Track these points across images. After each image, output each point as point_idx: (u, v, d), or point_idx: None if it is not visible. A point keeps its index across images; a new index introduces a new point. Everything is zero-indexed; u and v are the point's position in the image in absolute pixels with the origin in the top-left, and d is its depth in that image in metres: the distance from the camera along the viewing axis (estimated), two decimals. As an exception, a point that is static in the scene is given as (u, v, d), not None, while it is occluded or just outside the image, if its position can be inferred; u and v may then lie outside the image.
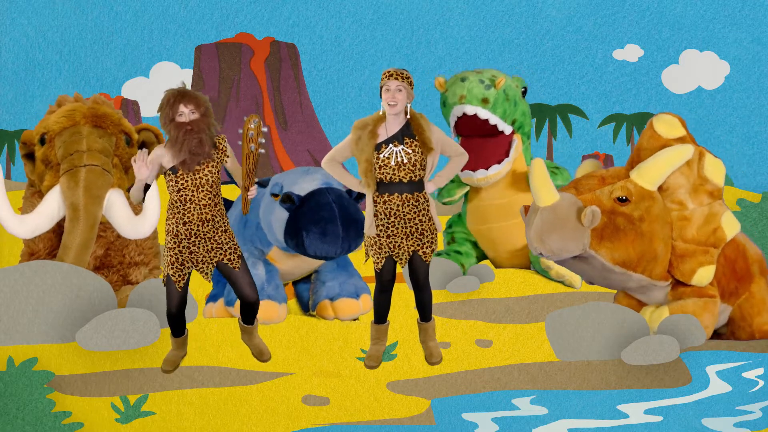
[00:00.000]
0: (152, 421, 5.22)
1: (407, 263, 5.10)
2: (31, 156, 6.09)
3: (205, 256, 5.01)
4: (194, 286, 5.62)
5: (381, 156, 5.02)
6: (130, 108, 9.14)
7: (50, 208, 5.78)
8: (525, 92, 6.75)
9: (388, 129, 5.05)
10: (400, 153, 5.02)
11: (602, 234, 5.56)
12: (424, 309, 5.25)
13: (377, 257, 5.11)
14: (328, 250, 5.69)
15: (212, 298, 6.12)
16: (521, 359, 5.72)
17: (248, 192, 4.99)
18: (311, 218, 5.66)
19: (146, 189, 4.99)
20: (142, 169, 4.91)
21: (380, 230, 5.08)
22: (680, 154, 5.70)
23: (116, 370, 5.29)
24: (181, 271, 5.02)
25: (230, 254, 5.04)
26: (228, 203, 6.07)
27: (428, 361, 5.34)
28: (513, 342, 5.83)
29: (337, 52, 9.08)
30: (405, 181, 5.03)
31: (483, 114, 6.52)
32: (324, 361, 5.57)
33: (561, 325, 5.69)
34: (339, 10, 9.05)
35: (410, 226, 5.06)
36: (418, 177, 5.05)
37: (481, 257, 7.13)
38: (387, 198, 5.04)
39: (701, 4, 9.05)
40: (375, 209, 5.08)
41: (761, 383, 5.71)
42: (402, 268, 5.18)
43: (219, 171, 5.00)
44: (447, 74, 6.86)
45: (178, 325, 5.18)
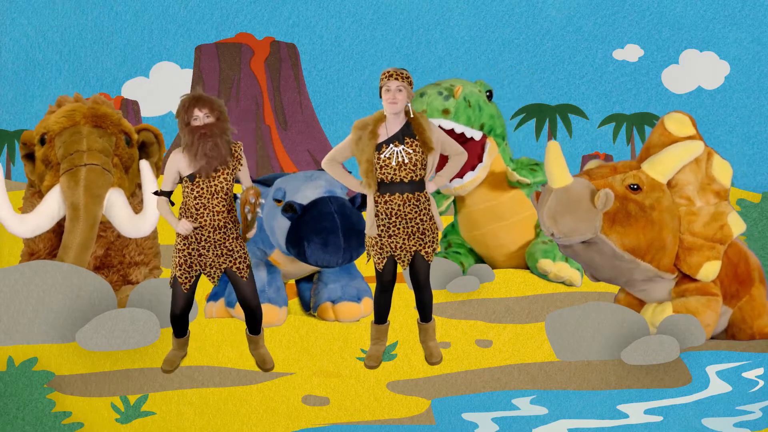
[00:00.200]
0: (152, 421, 5.22)
1: (409, 263, 5.11)
2: (31, 156, 6.09)
3: (215, 261, 5.01)
4: (194, 286, 5.62)
5: (382, 156, 5.01)
6: (130, 108, 9.14)
7: (50, 208, 5.78)
8: (491, 95, 6.74)
9: (389, 129, 5.04)
10: (401, 153, 5.02)
11: (614, 218, 5.61)
12: (425, 309, 5.25)
13: (378, 257, 5.11)
14: (330, 260, 5.69)
15: (213, 297, 6.12)
16: (521, 359, 5.72)
17: (246, 236, 5.08)
18: (313, 228, 5.65)
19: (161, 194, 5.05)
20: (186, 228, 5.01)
21: (381, 230, 5.08)
22: (691, 150, 5.78)
23: (116, 370, 5.29)
24: (189, 274, 5.02)
25: (239, 263, 5.05)
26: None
27: (428, 361, 5.34)
28: (513, 342, 5.83)
29: (337, 52, 9.08)
30: (406, 181, 5.03)
31: (446, 124, 6.51)
32: (324, 361, 5.57)
33: (561, 325, 5.70)
34: (339, 10, 9.04)
35: (412, 226, 5.06)
36: (419, 177, 5.04)
37: (479, 261, 7.14)
38: (388, 198, 5.04)
39: (701, 4, 9.05)
40: (376, 209, 5.08)
41: (761, 383, 5.72)
42: (403, 270, 5.18)
43: (233, 178, 5.01)
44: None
45: (181, 327, 5.18)
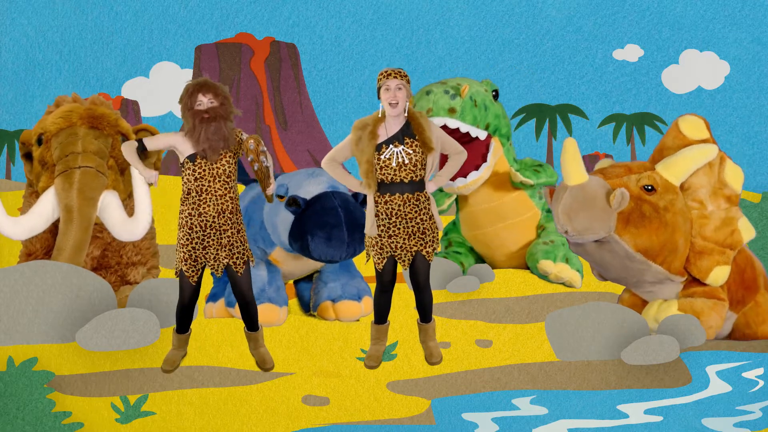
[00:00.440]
0: (152, 421, 5.22)
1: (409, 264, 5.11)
2: (30, 156, 6.08)
3: (219, 254, 5.02)
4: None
5: (382, 157, 5.01)
6: (130, 108, 9.14)
7: (45, 209, 5.78)
8: (497, 94, 6.74)
9: (388, 129, 5.04)
10: (401, 153, 5.01)
11: (629, 219, 5.61)
12: (425, 310, 5.25)
13: (378, 257, 5.11)
14: (333, 254, 5.69)
15: (212, 298, 6.12)
16: (521, 359, 5.72)
17: (268, 191, 5.12)
18: (316, 222, 5.65)
19: (140, 150, 5.06)
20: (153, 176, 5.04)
21: (381, 230, 5.08)
22: (705, 153, 5.79)
23: (116, 370, 5.28)
24: (194, 267, 5.04)
25: (237, 258, 5.05)
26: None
27: (428, 361, 5.34)
28: (513, 342, 5.83)
29: (337, 52, 9.08)
30: (406, 182, 5.03)
31: (452, 123, 6.50)
32: (324, 361, 5.56)
33: (561, 325, 5.70)
34: (339, 10, 9.05)
35: (412, 226, 5.06)
36: (419, 177, 5.04)
37: (480, 261, 7.14)
38: (388, 198, 5.04)
39: (701, 4, 9.05)
40: (376, 209, 5.07)
41: (761, 383, 5.72)
42: (403, 270, 5.18)
43: (236, 162, 5.02)
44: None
45: (187, 320, 5.19)
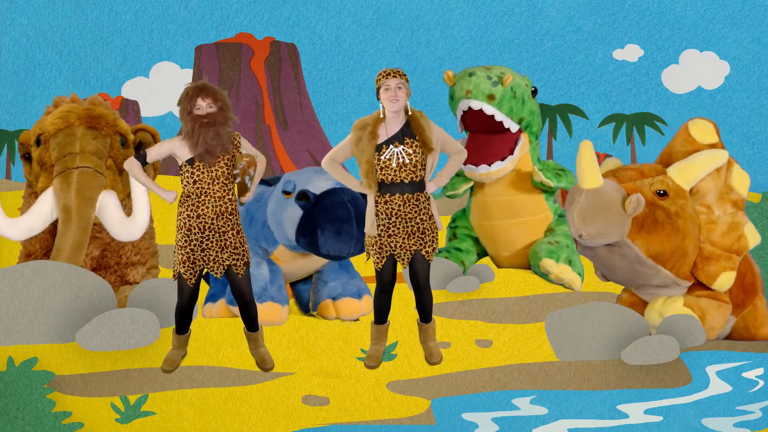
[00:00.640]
0: (152, 421, 5.22)
1: (409, 263, 5.11)
2: (29, 157, 6.08)
3: (218, 256, 5.02)
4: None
5: (382, 158, 5.01)
6: (130, 108, 9.13)
7: (44, 210, 5.78)
8: (535, 92, 6.75)
9: (388, 129, 5.04)
10: (401, 154, 5.01)
11: (642, 224, 5.61)
12: (425, 310, 5.25)
13: (378, 257, 5.11)
14: (342, 249, 5.69)
15: (211, 298, 6.11)
16: (521, 359, 5.72)
17: (242, 199, 5.10)
18: (326, 216, 5.66)
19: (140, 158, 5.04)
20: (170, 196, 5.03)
21: (381, 230, 5.08)
22: (716, 159, 5.80)
23: (116, 370, 5.28)
24: (193, 269, 5.03)
25: (237, 260, 5.05)
26: None
27: (428, 361, 5.34)
28: (513, 342, 5.83)
29: (337, 52, 9.07)
30: (406, 182, 5.02)
31: (489, 110, 6.51)
32: (324, 361, 5.56)
33: (561, 325, 5.69)
34: (339, 10, 9.04)
35: (412, 226, 5.06)
36: (419, 177, 5.04)
37: (482, 254, 7.13)
38: (388, 198, 5.04)
39: (701, 4, 9.05)
40: (376, 209, 5.07)
41: (761, 383, 5.71)
42: (403, 269, 5.18)
43: (233, 165, 5.02)
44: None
45: (186, 321, 5.18)
